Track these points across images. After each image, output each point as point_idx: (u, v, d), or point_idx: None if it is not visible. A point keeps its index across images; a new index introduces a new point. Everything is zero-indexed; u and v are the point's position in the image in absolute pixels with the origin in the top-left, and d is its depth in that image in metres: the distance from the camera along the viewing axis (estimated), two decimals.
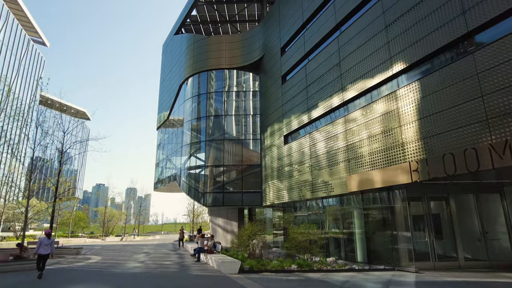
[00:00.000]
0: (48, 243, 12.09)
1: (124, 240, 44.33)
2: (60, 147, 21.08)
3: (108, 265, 15.65)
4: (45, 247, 11.97)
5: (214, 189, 26.92)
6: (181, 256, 20.90)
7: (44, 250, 11.91)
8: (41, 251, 11.85)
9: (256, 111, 27.76)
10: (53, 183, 20.70)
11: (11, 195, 20.62)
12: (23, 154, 20.57)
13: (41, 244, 11.95)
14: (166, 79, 39.59)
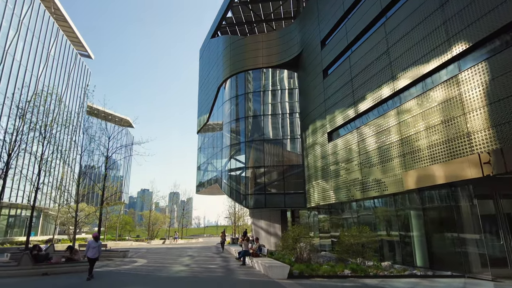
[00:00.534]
0: (95, 246, 12.31)
1: (167, 243, 45.08)
2: (105, 152, 21.57)
3: (154, 269, 15.51)
4: (92, 249, 12.20)
5: (256, 190, 26.34)
6: (226, 259, 20.45)
7: (91, 253, 12.14)
8: (89, 254, 12.12)
9: (296, 109, 26.86)
10: (100, 188, 21.22)
11: (63, 200, 21.43)
12: (73, 160, 21.28)
13: (89, 247, 12.24)
14: (204, 83, 39.87)
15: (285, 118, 27.19)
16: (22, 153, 22.71)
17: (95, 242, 12.42)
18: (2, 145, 17.23)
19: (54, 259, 13.82)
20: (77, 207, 19.40)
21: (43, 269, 13.42)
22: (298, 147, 25.88)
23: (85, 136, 20.68)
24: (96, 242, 12.47)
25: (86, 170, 20.54)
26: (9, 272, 13.15)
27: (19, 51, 36.93)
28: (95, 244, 12.33)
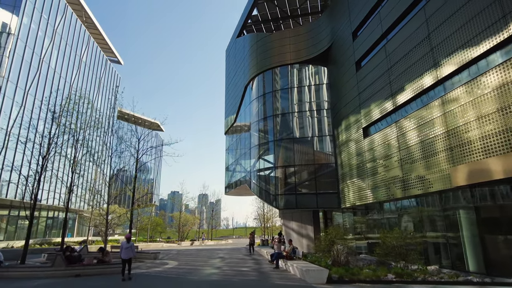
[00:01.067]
0: (127, 247, 12.29)
1: (197, 245, 45.07)
2: (135, 154, 21.57)
3: (185, 271, 15.08)
4: (125, 250, 12.21)
5: (286, 191, 25.52)
6: (258, 261, 19.76)
7: (124, 254, 12.16)
8: (123, 254, 12.17)
9: (326, 105, 25.80)
10: (131, 189, 21.23)
11: (96, 202, 21.63)
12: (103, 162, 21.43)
13: (122, 248, 12.30)
14: (231, 84, 39.55)
15: (315, 115, 26.20)
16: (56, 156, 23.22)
17: (128, 243, 12.39)
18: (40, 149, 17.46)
19: (86, 260, 13.71)
20: (108, 209, 19.46)
21: (76, 270, 13.32)
22: (329, 145, 24.82)
23: (115, 138, 20.80)
24: (128, 243, 12.41)
25: (117, 172, 20.61)
26: (44, 273, 13.15)
27: (54, 58, 38.28)
28: (127, 245, 12.31)
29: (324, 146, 25.28)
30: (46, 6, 36.75)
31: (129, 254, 12.21)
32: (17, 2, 32.31)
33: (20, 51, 32.41)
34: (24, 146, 19.33)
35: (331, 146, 24.63)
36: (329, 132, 25.00)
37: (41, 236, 40.27)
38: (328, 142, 24.99)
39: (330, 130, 24.95)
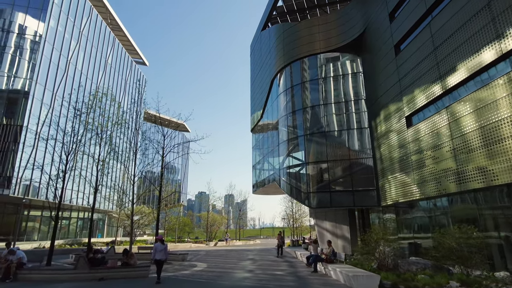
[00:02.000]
0: (161, 249, 12.07)
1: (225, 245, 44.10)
2: (161, 151, 20.77)
3: (215, 275, 13.92)
4: (159, 252, 12.01)
5: (319, 188, 23.91)
6: (292, 264, 18.32)
7: (158, 255, 11.96)
8: (156, 256, 11.93)
9: (361, 96, 23.97)
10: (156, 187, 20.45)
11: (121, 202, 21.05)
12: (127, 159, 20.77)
13: (156, 250, 12.06)
14: (256, 79, 38.30)
15: (348, 106, 24.41)
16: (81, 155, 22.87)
17: (161, 244, 12.19)
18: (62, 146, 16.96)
19: (109, 263, 12.84)
20: (133, 208, 18.73)
21: (99, 273, 12.46)
22: (366, 138, 22.97)
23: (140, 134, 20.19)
24: (162, 244, 12.23)
25: (142, 170, 19.94)
26: (67, 276, 12.39)
27: (80, 60, 38.60)
28: (161, 247, 12.10)
29: (360, 140, 23.45)
30: (72, 8, 37.06)
31: (162, 256, 12.00)
32: (44, 5, 32.63)
33: (48, 54, 32.71)
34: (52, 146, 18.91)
35: (368, 139, 22.78)
36: (365, 125, 23.16)
37: (72, 237, 40.74)
38: (364, 135, 23.16)
39: (366, 122, 23.11)
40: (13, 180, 27.70)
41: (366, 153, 22.67)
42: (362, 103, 23.68)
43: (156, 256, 11.96)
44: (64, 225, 42.58)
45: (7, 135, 28.70)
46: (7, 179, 27.69)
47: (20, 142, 28.46)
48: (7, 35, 30.84)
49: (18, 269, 12.40)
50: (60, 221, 41.54)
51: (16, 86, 30.15)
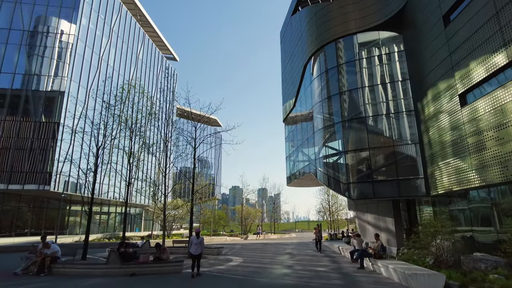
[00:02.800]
0: (197, 242, 11.68)
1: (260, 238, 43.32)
2: (192, 143, 20.12)
3: (251, 271, 12.97)
4: (194, 246, 11.65)
5: (360, 178, 22.28)
6: (334, 259, 17.02)
7: (193, 249, 11.61)
8: (192, 250, 11.61)
9: (403, 76, 21.95)
10: (188, 178, 19.85)
11: (153, 193, 20.69)
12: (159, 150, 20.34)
13: (192, 243, 11.74)
14: (287, 67, 36.84)
15: (389, 89, 22.47)
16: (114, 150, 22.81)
17: (197, 238, 11.76)
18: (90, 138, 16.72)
19: (141, 258, 12.25)
20: (165, 201, 18.25)
21: (131, 268, 11.90)
22: (411, 122, 20.99)
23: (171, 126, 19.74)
24: (197, 238, 11.78)
25: (174, 161, 19.37)
26: (99, 271, 11.96)
27: (112, 57, 39.07)
28: (196, 240, 11.70)
29: (404, 124, 21.49)
30: (102, 6, 37.46)
31: (198, 250, 11.61)
32: (76, 4, 33.10)
33: (81, 51, 33.24)
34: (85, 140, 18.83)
35: (413, 123, 20.80)
36: (409, 107, 21.16)
37: (111, 231, 41.74)
38: (409, 118, 21.19)
39: (411, 104, 21.11)
40: (52, 176, 28.44)
41: (412, 138, 20.72)
42: (406, 84, 21.67)
43: (191, 249, 11.65)
44: (104, 220, 43.80)
45: (45, 132, 29.49)
46: (48, 175, 28.47)
47: (58, 139, 29.15)
48: (42, 35, 31.61)
49: (53, 263, 12.15)
50: (99, 215, 42.79)
51: (52, 85, 30.86)
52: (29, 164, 28.57)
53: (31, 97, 30.00)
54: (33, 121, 29.57)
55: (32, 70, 30.50)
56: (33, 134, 29.17)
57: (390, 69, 22.79)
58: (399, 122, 21.73)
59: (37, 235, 31.66)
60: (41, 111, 30.15)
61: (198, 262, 11.72)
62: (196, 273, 11.63)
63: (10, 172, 28.14)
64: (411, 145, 20.74)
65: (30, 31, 31.43)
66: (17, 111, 29.70)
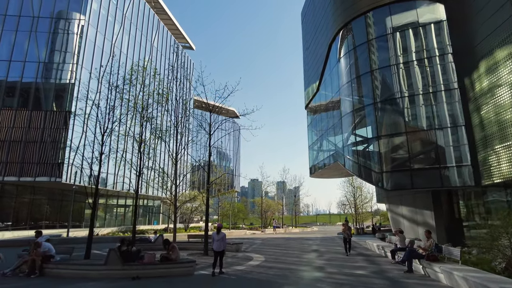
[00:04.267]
0: (218, 239, 10.73)
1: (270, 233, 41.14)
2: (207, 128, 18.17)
3: (276, 274, 10.91)
4: (216, 242, 10.70)
5: (395, 167, 19.77)
6: (371, 259, 14.72)
7: (216, 245, 10.70)
8: (214, 246, 10.73)
9: (444, 49, 19.13)
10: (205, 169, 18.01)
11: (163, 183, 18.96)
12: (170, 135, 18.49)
13: (213, 239, 10.82)
14: (310, 48, 34.23)
15: (428, 64, 19.68)
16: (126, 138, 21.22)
17: (218, 233, 10.82)
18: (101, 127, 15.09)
19: (146, 258, 10.38)
20: (176, 191, 16.42)
21: (134, 270, 10.07)
22: (455, 101, 18.24)
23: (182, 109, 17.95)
24: (218, 234, 10.82)
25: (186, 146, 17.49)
26: (96, 273, 10.20)
27: (125, 44, 37.59)
28: (218, 236, 10.76)
29: (446, 104, 18.74)
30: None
31: (221, 246, 10.64)
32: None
33: (92, 37, 31.85)
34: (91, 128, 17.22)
35: (458, 102, 18.05)
36: (453, 84, 18.38)
37: (129, 224, 40.79)
38: (452, 97, 18.43)
39: (455, 80, 18.32)
40: (64, 167, 27.29)
41: (455, 120, 17.99)
42: (447, 59, 18.86)
43: (213, 246, 10.75)
44: (121, 213, 42.92)
45: (56, 122, 28.34)
46: (59, 166, 27.34)
47: (69, 128, 27.94)
48: (51, 20, 30.29)
49: (45, 262, 10.50)
50: (116, 208, 41.90)
51: (62, 72, 29.63)
52: (40, 156, 27.51)
53: (41, 86, 28.87)
54: (44, 110, 28.46)
55: (42, 57, 29.31)
56: (44, 124, 28.06)
57: (428, 43, 19.99)
58: (440, 102, 18.98)
59: (53, 228, 30.86)
60: (52, 99, 28.99)
61: (221, 259, 10.71)
62: (218, 272, 10.58)
63: (22, 164, 27.18)
64: (454, 127, 18.03)
65: (39, 17, 30.14)
66: (28, 101, 28.65)
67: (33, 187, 29.78)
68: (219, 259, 10.67)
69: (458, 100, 18.11)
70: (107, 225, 37.70)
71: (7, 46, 29.14)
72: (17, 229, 27.65)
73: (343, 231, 16.06)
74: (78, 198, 31.59)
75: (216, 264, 10.66)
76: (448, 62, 18.87)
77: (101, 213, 38.25)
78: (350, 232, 15.10)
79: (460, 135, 17.74)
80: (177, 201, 16.38)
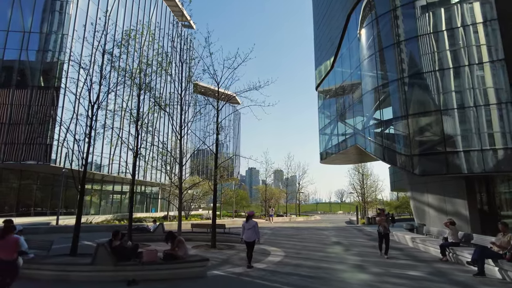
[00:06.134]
0: (249, 227, 9.92)
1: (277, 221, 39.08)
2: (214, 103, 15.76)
3: (309, 275, 8.68)
4: (247, 231, 9.93)
5: (427, 149, 17.55)
6: (410, 255, 12.50)
7: (246, 235, 9.91)
8: (245, 236, 9.97)
9: (485, 15, 16.66)
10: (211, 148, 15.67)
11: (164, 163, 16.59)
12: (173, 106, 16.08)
13: (244, 228, 10.09)
14: (323, 22, 31.51)
15: (464, 33, 17.22)
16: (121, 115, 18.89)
17: (248, 222, 10.03)
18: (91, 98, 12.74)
19: (145, 255, 8.02)
20: (181, 173, 14.06)
21: (129, 272, 7.74)
22: (500, 74, 15.85)
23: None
24: (247, 222, 10.03)
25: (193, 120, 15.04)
26: (79, 274, 7.85)
27: (121, 17, 34.70)
28: (248, 224, 9.96)
29: (488, 77, 16.35)
30: None
31: (252, 236, 9.83)
32: None
33: (84, 6, 28.98)
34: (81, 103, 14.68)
35: (502, 75, 15.68)
36: (497, 55, 15.96)
37: (125, 211, 38.62)
38: (495, 69, 16.03)
39: (499, 50, 15.89)
40: (53, 149, 24.80)
41: (500, 96, 15.66)
42: (491, 25, 16.39)
43: (244, 236, 9.98)
44: (117, 199, 40.65)
45: (43, 99, 25.70)
46: (47, 148, 24.83)
47: (58, 106, 25.34)
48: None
49: None
50: (112, 195, 39.59)
51: (50, 44, 26.87)
52: (26, 137, 24.94)
53: (27, 59, 26.13)
54: (30, 87, 25.76)
55: (27, 27, 26.46)
56: (30, 101, 25.41)
57: (464, 9, 17.47)
58: (481, 76, 16.61)
59: (43, 215, 28.56)
60: (39, 74, 26.28)
61: (251, 250, 9.90)
62: (247, 265, 9.77)
63: (5, 145, 24.60)
64: (499, 104, 15.71)
65: None
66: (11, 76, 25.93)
67: (20, 171, 27.33)
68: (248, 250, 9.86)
69: (503, 73, 15.75)
70: (102, 212, 35.44)
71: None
72: (2, 216, 25.29)
73: (379, 223, 11.97)
74: (71, 183, 29.10)
75: (251, 255, 9.87)
76: (492, 28, 16.41)
77: (96, 200, 35.99)
78: (388, 225, 12.17)
79: (505, 113, 15.44)
80: (181, 184, 13.98)
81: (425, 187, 20.95)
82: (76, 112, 12.88)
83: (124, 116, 16.75)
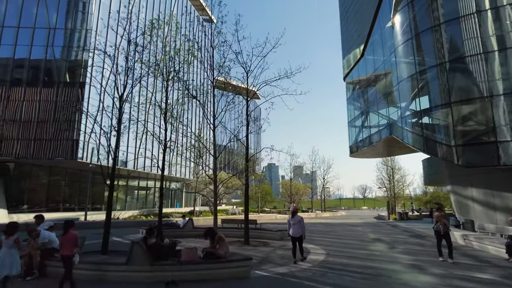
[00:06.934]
0: (295, 223, 9.73)
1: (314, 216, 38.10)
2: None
3: (364, 277, 7.81)
4: (293, 226, 9.75)
5: (473, 139, 16.20)
6: (467, 253, 11.37)
7: (292, 231, 9.77)
8: (291, 232, 9.81)
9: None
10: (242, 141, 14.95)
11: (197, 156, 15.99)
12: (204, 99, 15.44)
13: (289, 224, 9.96)
14: (350, 8, 30.03)
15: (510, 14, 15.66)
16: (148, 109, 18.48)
17: (293, 217, 9.81)
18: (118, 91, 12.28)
19: (184, 254, 7.36)
20: (215, 165, 13.38)
21: (168, 272, 7.11)
22: None
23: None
24: (292, 217, 9.84)
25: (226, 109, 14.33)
26: (114, 274, 7.28)
27: (143, 11, 34.45)
28: (293, 220, 9.77)
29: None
30: None
31: (298, 231, 9.65)
32: None
33: (106, 1, 28.83)
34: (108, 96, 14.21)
35: None
36: None
37: (150, 207, 38.64)
38: None
39: None
40: (79, 145, 24.79)
41: None
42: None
43: (290, 232, 9.85)
44: (142, 195, 40.74)
45: (70, 95, 25.70)
46: (73, 144, 24.84)
47: (84, 99, 25.29)
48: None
49: (47, 258, 7.69)
50: (137, 190, 39.68)
51: (75, 40, 26.87)
52: (54, 133, 25.04)
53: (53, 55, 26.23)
54: (56, 83, 25.83)
55: (52, 23, 26.54)
56: (56, 97, 25.48)
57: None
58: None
59: (72, 211, 28.80)
60: (64, 70, 26.33)
61: (300, 245, 9.87)
62: (301, 258, 9.79)
63: (34, 141, 24.79)
64: None
65: None
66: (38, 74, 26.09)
67: (49, 167, 27.59)
68: (298, 245, 9.78)
69: None
70: (128, 208, 35.54)
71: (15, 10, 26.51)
72: (33, 211, 25.59)
73: (437, 219, 10.14)
74: (98, 179, 29.23)
75: (296, 251, 9.76)
76: None
77: (122, 195, 36.11)
78: (449, 224, 10.27)
79: None
80: (216, 175, 13.30)
81: (468, 180, 19.45)
82: (103, 103, 12.36)
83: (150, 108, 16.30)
